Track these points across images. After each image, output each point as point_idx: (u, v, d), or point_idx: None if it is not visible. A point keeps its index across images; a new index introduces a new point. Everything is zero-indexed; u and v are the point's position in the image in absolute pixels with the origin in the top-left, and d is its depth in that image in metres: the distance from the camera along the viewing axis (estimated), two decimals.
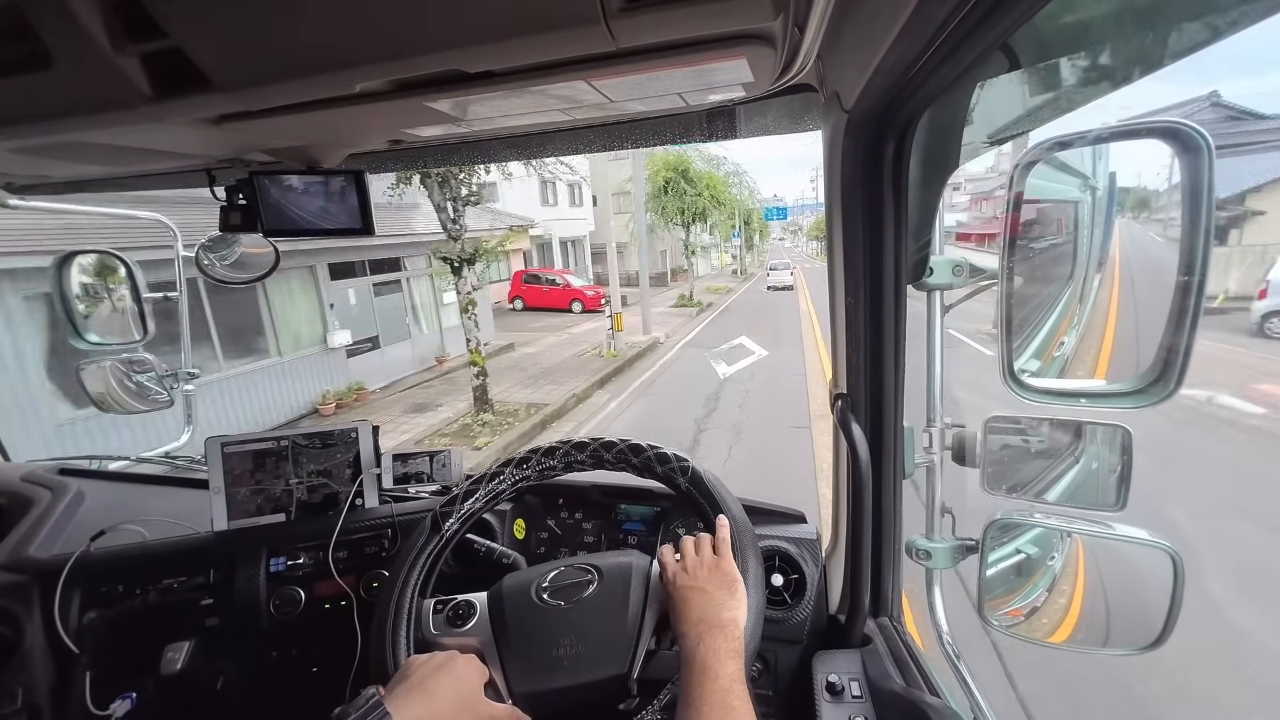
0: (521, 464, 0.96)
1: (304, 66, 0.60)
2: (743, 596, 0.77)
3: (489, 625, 0.84)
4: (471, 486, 0.94)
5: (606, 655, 0.78)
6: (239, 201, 1.03)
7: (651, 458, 0.93)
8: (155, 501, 1.42)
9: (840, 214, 0.85)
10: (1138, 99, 1.25)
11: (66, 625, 1.09)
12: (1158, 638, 0.74)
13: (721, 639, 0.70)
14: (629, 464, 0.95)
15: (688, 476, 0.92)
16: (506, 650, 0.81)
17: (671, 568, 0.82)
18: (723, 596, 0.76)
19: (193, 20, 0.55)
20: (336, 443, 1.25)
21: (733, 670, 0.68)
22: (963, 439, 0.90)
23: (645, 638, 0.79)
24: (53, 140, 0.78)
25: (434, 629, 0.85)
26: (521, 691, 0.77)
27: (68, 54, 0.58)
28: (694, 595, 0.76)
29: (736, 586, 0.78)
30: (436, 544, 0.91)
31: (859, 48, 0.62)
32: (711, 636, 0.70)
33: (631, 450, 0.94)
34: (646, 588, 0.84)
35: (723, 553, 0.82)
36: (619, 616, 0.81)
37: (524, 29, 0.53)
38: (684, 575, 0.79)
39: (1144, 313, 0.67)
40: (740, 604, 0.76)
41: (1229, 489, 4.37)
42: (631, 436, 0.96)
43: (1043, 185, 0.69)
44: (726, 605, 0.75)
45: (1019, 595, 0.93)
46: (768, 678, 1.04)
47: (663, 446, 0.94)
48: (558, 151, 1.16)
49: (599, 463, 0.95)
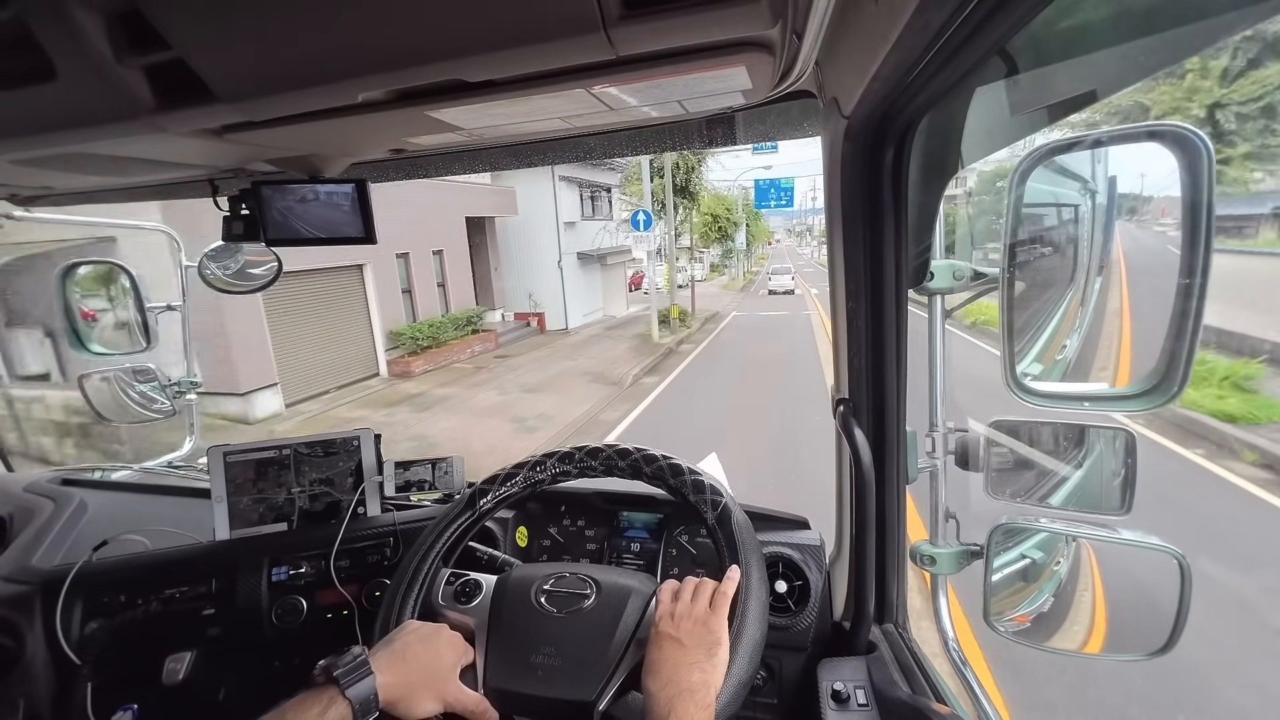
0: (565, 459, 0.97)
1: (306, 77, 0.61)
2: (721, 661, 0.72)
3: (488, 610, 0.86)
4: (513, 470, 0.96)
5: (579, 677, 0.76)
6: (242, 211, 1.04)
7: (688, 482, 0.91)
8: (157, 511, 1.42)
9: (841, 219, 0.85)
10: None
11: (68, 636, 1.09)
12: (1166, 643, 0.74)
13: (692, 706, 0.65)
14: (665, 483, 0.93)
15: (717, 512, 0.88)
16: (494, 640, 0.82)
17: (663, 607, 0.78)
18: (697, 655, 0.71)
19: (195, 31, 0.55)
20: (338, 451, 1.25)
21: None
22: (966, 443, 0.90)
23: (622, 671, 0.76)
24: (57, 152, 0.79)
25: (441, 600, 0.88)
26: (494, 686, 0.77)
27: (71, 66, 0.59)
28: (668, 645, 0.73)
29: (717, 649, 0.73)
30: (469, 517, 0.94)
31: (857, 54, 0.62)
32: (681, 703, 0.66)
33: (671, 470, 0.92)
34: (640, 617, 0.82)
35: (717, 607, 0.77)
36: (604, 641, 0.79)
37: (524, 38, 0.54)
38: (668, 620, 0.76)
39: (1146, 315, 0.67)
40: (716, 668, 0.71)
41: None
42: (675, 456, 0.94)
43: (1042, 189, 0.69)
44: (699, 666, 0.70)
45: (1025, 601, 0.93)
46: (772, 685, 1.03)
47: (702, 474, 0.92)
48: (558, 159, 1.17)
49: (637, 473, 0.95)
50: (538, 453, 0.98)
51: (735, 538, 0.85)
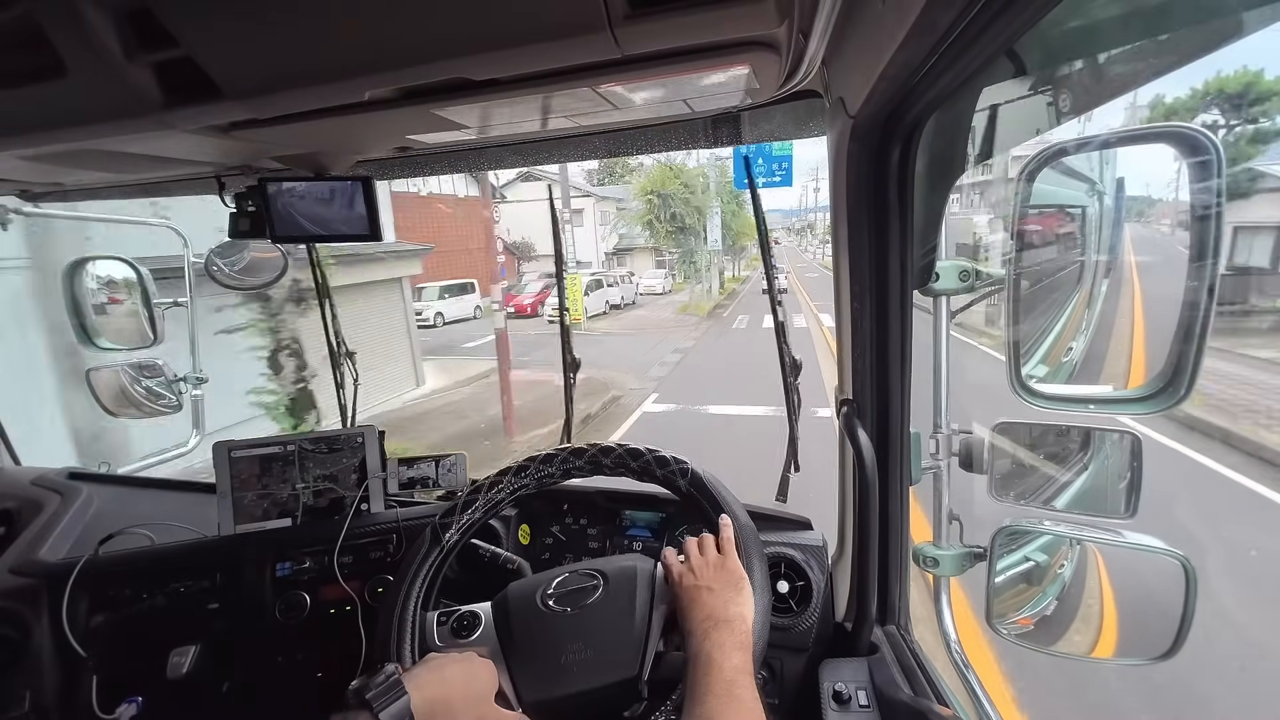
0: (520, 472, 0.95)
1: (313, 75, 0.61)
2: (749, 593, 0.77)
3: (495, 635, 0.83)
4: (470, 496, 0.93)
5: (615, 659, 0.77)
6: (249, 208, 1.04)
7: (650, 461, 0.92)
8: (163, 506, 1.43)
9: (846, 219, 0.84)
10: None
11: (74, 628, 1.10)
12: (1170, 647, 0.73)
13: (728, 633, 0.70)
14: (628, 468, 0.94)
15: (688, 479, 0.91)
16: (514, 659, 0.80)
17: (677, 569, 0.81)
18: (729, 594, 0.75)
19: (203, 30, 0.55)
20: (343, 447, 1.25)
21: (738, 661, 0.67)
22: (970, 445, 0.90)
23: (654, 640, 0.79)
24: (66, 148, 0.80)
25: (439, 640, 0.84)
26: (531, 700, 0.76)
27: (81, 63, 0.59)
28: (701, 594, 0.76)
29: (742, 584, 0.77)
30: (438, 555, 0.90)
31: (863, 54, 0.62)
32: (718, 631, 0.70)
33: (630, 455, 0.93)
34: (652, 590, 0.83)
35: (727, 551, 0.81)
36: (626, 620, 0.80)
37: (530, 37, 0.54)
38: (690, 575, 0.79)
39: (1154, 317, 0.66)
40: (747, 600, 0.76)
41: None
42: (630, 442, 0.95)
43: (1050, 190, 0.69)
44: (733, 602, 0.74)
45: (1028, 603, 0.92)
46: (774, 686, 1.03)
47: (661, 450, 0.94)
48: (564, 158, 1.17)
49: (597, 468, 0.95)
50: (494, 472, 0.96)
51: (713, 492, 0.90)
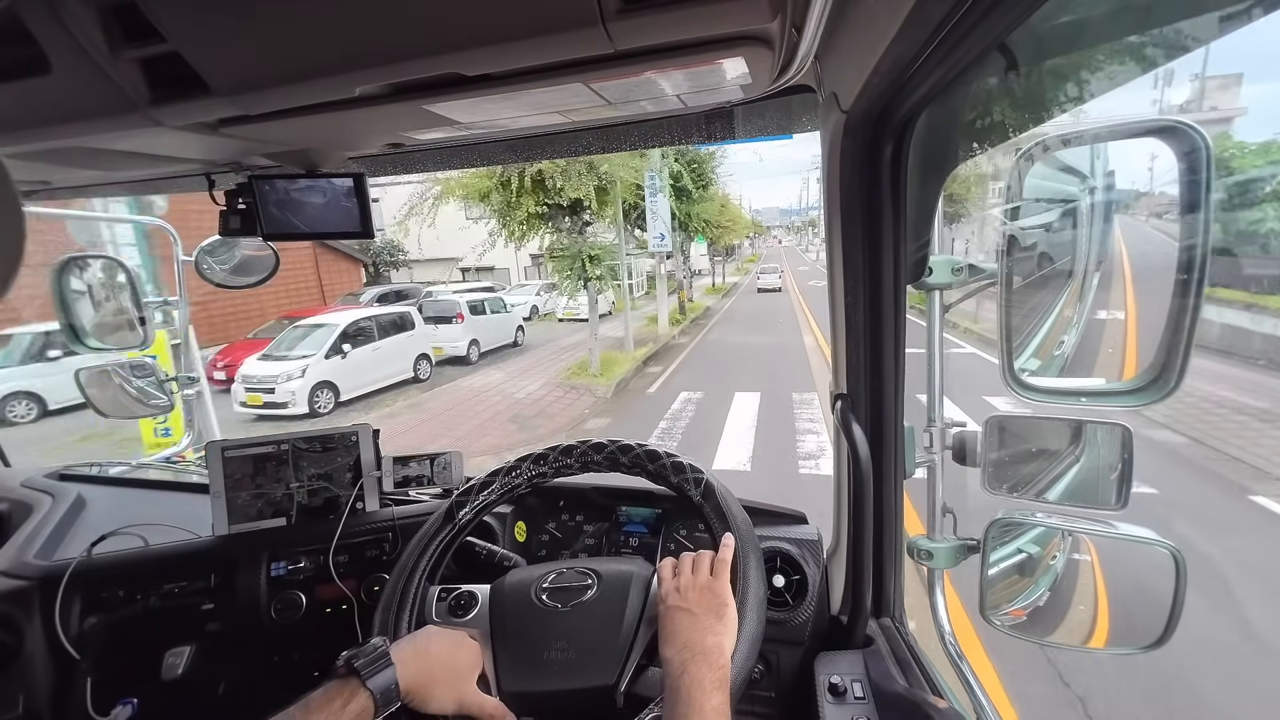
0: (539, 460, 0.96)
1: (302, 71, 0.60)
2: (731, 622, 0.74)
3: (488, 619, 0.85)
4: (489, 478, 0.95)
5: (596, 664, 0.77)
6: (239, 206, 1.03)
7: (667, 465, 0.92)
8: (156, 506, 1.42)
9: (839, 214, 0.85)
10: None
11: (67, 631, 1.09)
12: (1160, 636, 0.74)
13: (706, 668, 0.67)
14: (644, 469, 0.94)
15: (700, 489, 0.90)
16: (501, 646, 0.81)
17: (666, 584, 0.80)
18: (709, 621, 0.73)
19: (190, 24, 0.55)
20: (337, 446, 1.25)
21: (718, 703, 0.65)
22: (964, 439, 0.90)
23: (637, 651, 0.78)
24: (53, 146, 0.78)
25: (435, 616, 0.87)
26: (510, 689, 0.77)
27: (65, 59, 0.58)
28: (679, 616, 0.74)
29: (725, 611, 0.75)
30: (449, 531, 0.92)
31: (856, 48, 0.62)
32: (696, 665, 0.67)
33: (648, 456, 0.93)
34: (645, 598, 0.83)
35: (719, 574, 0.79)
36: (614, 625, 0.80)
37: (522, 32, 0.53)
38: (674, 595, 0.77)
39: (1144, 310, 0.67)
40: (728, 630, 0.73)
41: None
42: (650, 442, 0.96)
43: (1041, 184, 0.69)
44: (711, 630, 0.72)
45: (1021, 595, 0.93)
46: (770, 679, 1.03)
47: (680, 456, 0.93)
48: (557, 154, 1.17)
49: (614, 465, 0.95)
50: (512, 457, 0.98)
51: (723, 507, 0.88)
